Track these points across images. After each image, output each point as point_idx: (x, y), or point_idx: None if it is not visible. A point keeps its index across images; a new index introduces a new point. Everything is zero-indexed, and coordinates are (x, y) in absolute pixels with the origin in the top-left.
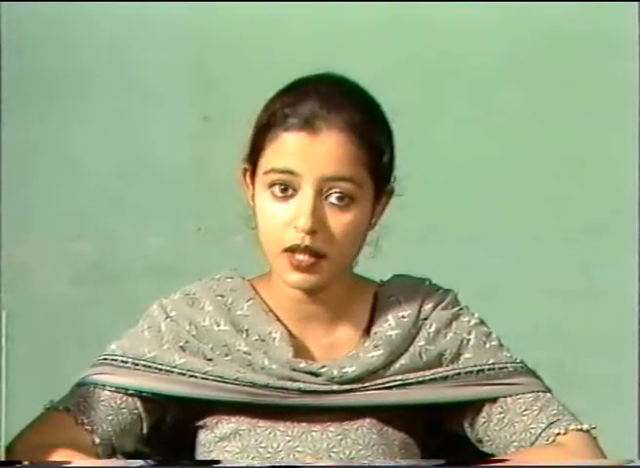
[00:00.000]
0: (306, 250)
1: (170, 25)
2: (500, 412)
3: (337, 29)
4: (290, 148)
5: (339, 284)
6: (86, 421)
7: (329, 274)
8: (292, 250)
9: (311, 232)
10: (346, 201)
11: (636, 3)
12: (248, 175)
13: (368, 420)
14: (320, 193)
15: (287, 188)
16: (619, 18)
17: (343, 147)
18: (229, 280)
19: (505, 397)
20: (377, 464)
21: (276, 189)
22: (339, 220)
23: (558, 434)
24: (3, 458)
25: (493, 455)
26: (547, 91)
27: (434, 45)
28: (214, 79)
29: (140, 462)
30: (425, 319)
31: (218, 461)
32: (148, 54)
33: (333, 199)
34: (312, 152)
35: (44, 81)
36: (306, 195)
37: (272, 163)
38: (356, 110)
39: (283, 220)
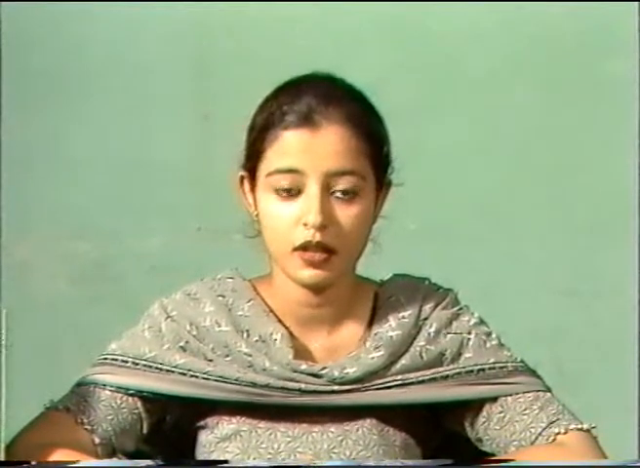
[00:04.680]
0: (318, 246)
1: (170, 25)
2: (501, 412)
3: (337, 29)
4: (292, 147)
5: (342, 284)
6: (86, 421)
7: (339, 269)
8: (303, 247)
9: (321, 227)
10: (351, 194)
11: (636, 3)
12: (246, 181)
13: (368, 421)
14: (326, 189)
15: (291, 188)
16: (619, 17)
17: (345, 140)
18: (230, 280)
19: (506, 396)
20: (381, 464)
21: (281, 190)
22: (346, 214)
23: (558, 433)
24: (3, 458)
25: (493, 455)
26: (547, 91)
27: (434, 45)
28: (214, 78)
29: (147, 462)
30: (426, 319)
31: (225, 461)
32: (148, 53)
33: (339, 193)
34: (315, 148)
35: (44, 81)
36: (313, 192)
37: (275, 164)
38: (353, 103)
39: (291, 219)
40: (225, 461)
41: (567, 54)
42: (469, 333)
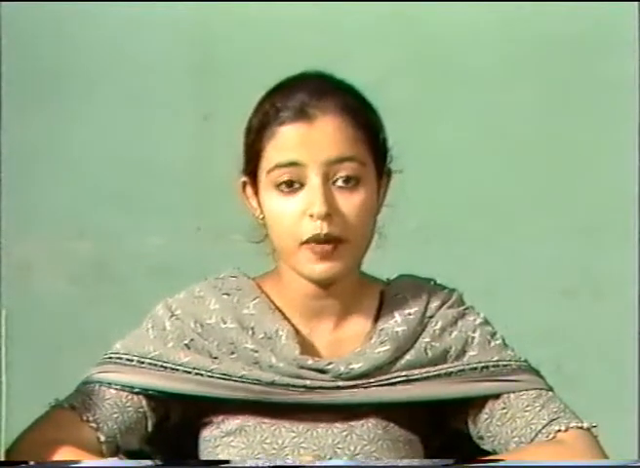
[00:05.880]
0: (326, 237)
1: (170, 25)
2: (503, 408)
3: (337, 28)
4: (289, 141)
5: (348, 278)
6: (91, 419)
7: (349, 260)
8: (312, 241)
9: (327, 217)
10: (353, 182)
11: (636, 3)
12: (249, 186)
13: (373, 416)
14: (327, 178)
15: (293, 183)
16: (618, 18)
17: (341, 129)
18: (234, 279)
19: (508, 393)
20: (383, 464)
21: (283, 186)
22: (350, 202)
23: (559, 431)
24: (3, 458)
25: (494, 454)
26: (547, 91)
27: (434, 44)
28: (214, 78)
29: (148, 462)
30: (431, 317)
31: (225, 461)
32: (148, 53)
33: (340, 182)
34: (312, 139)
35: (44, 81)
36: (314, 182)
37: (275, 159)
38: (346, 95)
39: (295, 213)
40: (227, 461)
41: (567, 54)
42: (474, 332)
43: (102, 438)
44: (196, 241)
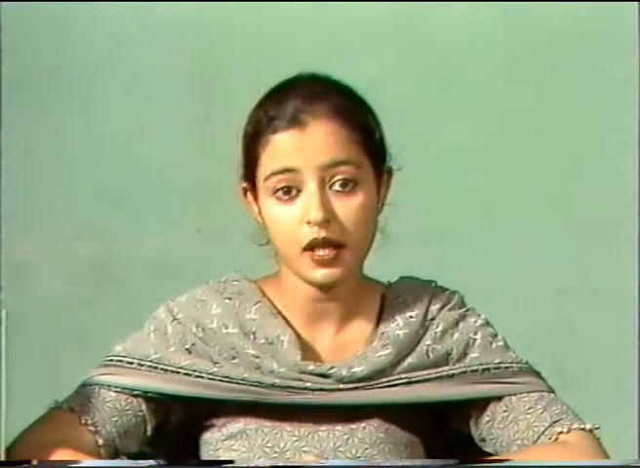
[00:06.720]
0: (325, 242)
1: (170, 24)
2: (505, 411)
3: (337, 28)
4: (283, 148)
5: (349, 281)
6: (90, 422)
7: (350, 264)
8: (311, 247)
9: (325, 223)
10: (350, 185)
11: (636, 3)
12: (249, 192)
13: (375, 419)
14: (323, 183)
15: (290, 190)
16: (619, 18)
17: (334, 133)
18: (236, 283)
19: (510, 395)
20: (385, 464)
21: (280, 193)
22: (348, 206)
23: (561, 433)
24: (3, 458)
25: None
26: (547, 91)
27: (434, 45)
28: (214, 78)
29: (150, 462)
30: (433, 319)
31: (227, 461)
32: (148, 53)
33: (337, 186)
34: (305, 145)
35: (44, 81)
36: (311, 188)
37: (270, 167)
38: (338, 97)
39: (294, 220)
40: (229, 461)
41: (567, 54)
42: (475, 334)
43: (101, 441)
44: (196, 241)
